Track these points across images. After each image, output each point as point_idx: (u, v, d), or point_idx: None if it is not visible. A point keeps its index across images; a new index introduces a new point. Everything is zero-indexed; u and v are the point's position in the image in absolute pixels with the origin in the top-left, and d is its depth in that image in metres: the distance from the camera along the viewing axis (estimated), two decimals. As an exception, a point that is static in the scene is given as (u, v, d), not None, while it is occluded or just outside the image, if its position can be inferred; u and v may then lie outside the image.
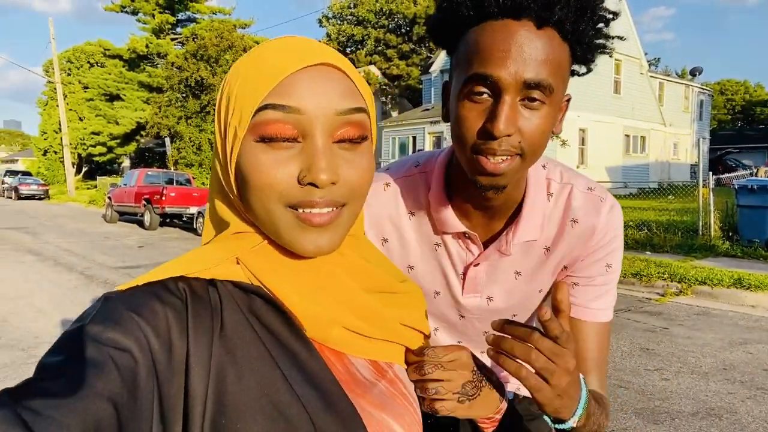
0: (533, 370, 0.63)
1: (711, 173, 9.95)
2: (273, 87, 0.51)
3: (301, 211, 0.53)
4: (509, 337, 0.64)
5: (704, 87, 31.59)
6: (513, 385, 1.12)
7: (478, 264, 0.93)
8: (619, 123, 22.71)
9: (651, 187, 17.83)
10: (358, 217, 0.62)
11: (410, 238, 0.95)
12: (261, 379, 0.51)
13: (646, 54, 25.03)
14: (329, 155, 0.52)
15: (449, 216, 0.90)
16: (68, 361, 0.44)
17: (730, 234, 9.23)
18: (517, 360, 0.63)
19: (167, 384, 0.48)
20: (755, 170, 16.66)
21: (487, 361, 0.93)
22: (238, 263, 0.56)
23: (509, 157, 0.74)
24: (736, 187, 8.86)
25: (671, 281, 6.95)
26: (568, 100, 0.82)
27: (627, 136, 23.46)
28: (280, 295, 0.55)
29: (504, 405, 0.73)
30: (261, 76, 0.52)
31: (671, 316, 5.77)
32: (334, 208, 0.54)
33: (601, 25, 0.76)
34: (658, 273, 7.21)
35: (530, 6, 0.70)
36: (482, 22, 0.73)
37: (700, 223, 9.58)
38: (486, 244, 0.92)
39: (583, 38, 0.75)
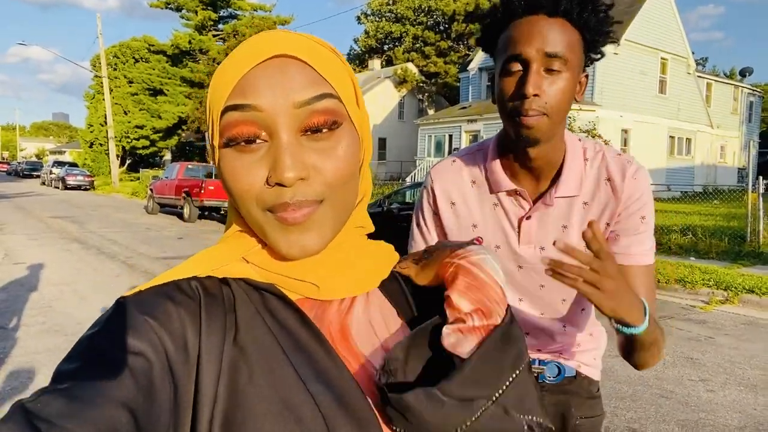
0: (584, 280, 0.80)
1: (760, 177, 9.56)
2: (232, 88, 0.51)
3: (278, 213, 0.51)
4: (563, 261, 0.81)
5: (754, 88, 30.41)
6: (575, 363, 1.23)
7: (530, 217, 1.11)
8: (663, 124, 22.05)
9: (696, 191, 17.26)
10: (360, 210, 0.60)
11: (473, 201, 1.16)
12: (273, 378, 0.50)
13: (693, 53, 24.19)
14: (295, 150, 0.50)
15: (502, 177, 1.11)
16: (83, 368, 0.43)
17: (781, 241, 8.86)
18: (570, 275, 0.80)
19: (184, 385, 0.48)
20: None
21: (546, 324, 1.17)
22: (247, 262, 0.56)
23: (538, 115, 0.96)
24: (789, 192, 8.49)
25: (717, 289, 6.71)
26: (587, 76, 1.04)
27: (672, 137, 22.76)
28: (301, 277, 0.55)
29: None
30: (223, 79, 0.52)
31: (717, 324, 5.56)
32: (309, 209, 0.51)
33: (602, 14, 0.97)
34: (703, 280, 6.97)
35: (543, 2, 0.95)
36: (510, 23, 0.99)
37: (749, 229, 9.23)
38: (534, 202, 1.11)
39: (589, 25, 0.97)
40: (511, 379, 0.52)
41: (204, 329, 0.50)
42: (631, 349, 0.95)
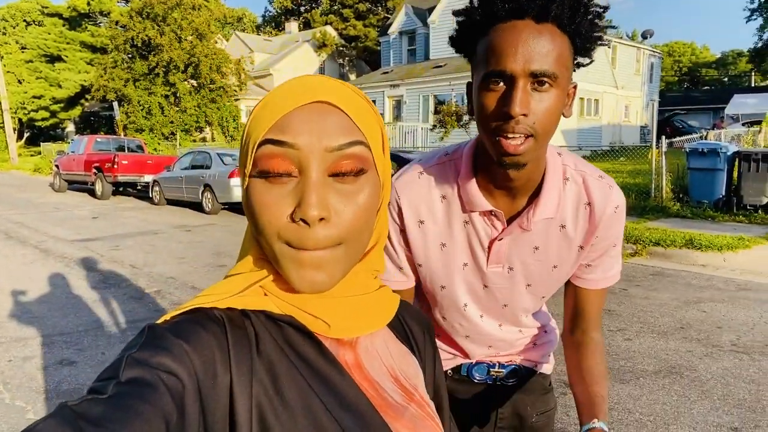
0: None
1: (663, 136, 10.28)
2: (272, 124, 0.54)
3: (296, 249, 0.55)
4: None
5: (654, 49, 32.29)
6: (530, 362, 1.26)
7: (502, 239, 1.04)
8: (574, 86, 23.03)
9: (604, 150, 18.31)
10: (375, 253, 0.64)
11: (442, 219, 1.07)
12: (302, 407, 0.53)
13: (600, 16, 25.23)
14: (321, 190, 0.54)
15: (477, 196, 1.01)
16: (121, 383, 0.45)
17: (681, 195, 9.64)
18: None
19: (211, 412, 0.49)
20: (705, 133, 17.30)
21: (504, 335, 1.19)
22: (265, 294, 0.59)
23: (525, 138, 0.85)
24: (688, 150, 9.21)
25: (627, 242, 7.23)
26: (575, 87, 0.93)
27: (581, 99, 23.87)
28: (314, 312, 0.58)
29: None
30: (265, 115, 0.55)
31: (629, 277, 6.03)
32: (328, 251, 0.55)
33: (594, 18, 0.88)
34: (615, 235, 7.47)
35: (530, 6, 0.82)
36: (492, 26, 0.86)
37: (653, 185, 9.94)
38: (509, 222, 1.03)
39: (580, 31, 0.87)
40: None
41: (233, 359, 0.52)
42: None
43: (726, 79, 53.41)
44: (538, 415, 1.25)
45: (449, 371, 1.23)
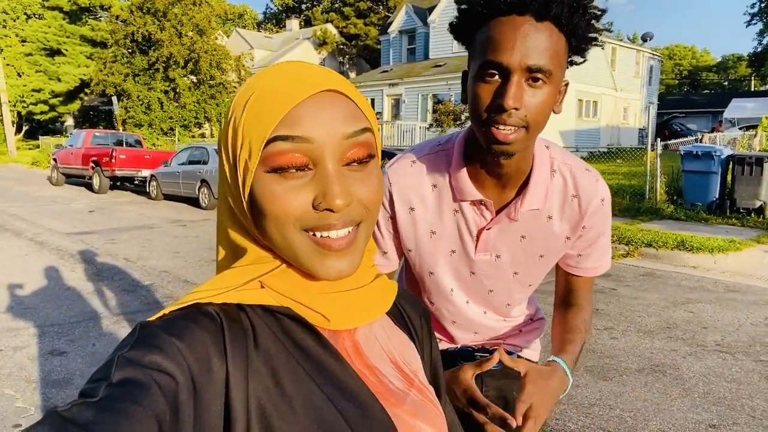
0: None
1: (659, 139, 10.32)
2: (280, 119, 0.52)
3: (318, 235, 0.55)
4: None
5: (654, 52, 32.35)
6: (516, 348, 1.29)
7: (490, 228, 1.07)
8: (572, 87, 23.10)
9: (601, 151, 18.37)
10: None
11: (432, 207, 1.10)
12: (302, 398, 0.53)
13: (600, 18, 25.27)
14: (341, 180, 0.54)
15: (468, 186, 1.04)
16: (112, 384, 0.44)
17: (675, 198, 9.68)
18: None
19: (207, 407, 0.49)
20: (700, 136, 17.35)
21: (489, 322, 1.22)
22: (262, 287, 0.58)
23: (516, 129, 0.88)
24: (682, 152, 9.25)
25: (619, 243, 7.28)
26: (566, 85, 0.96)
27: (580, 100, 23.92)
28: (313, 307, 0.58)
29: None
30: (267, 108, 0.53)
31: (619, 277, 6.07)
32: (351, 228, 0.56)
33: (592, 19, 0.90)
34: (607, 236, 7.51)
35: (531, 3, 0.84)
36: (492, 18, 0.88)
37: (647, 187, 9.98)
38: (497, 212, 1.07)
39: (577, 31, 0.89)
40: None
41: (229, 353, 0.52)
42: None
43: (726, 82, 53.45)
44: None
45: None
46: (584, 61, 0.97)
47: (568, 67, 0.94)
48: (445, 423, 0.66)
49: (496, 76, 0.87)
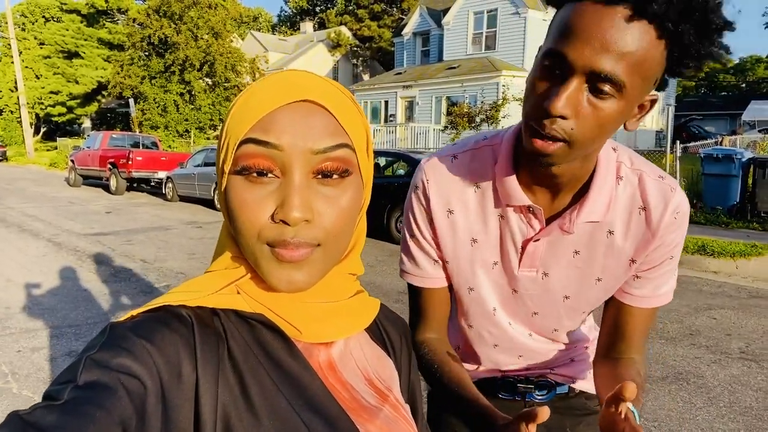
0: None
1: (678, 142, 10.19)
2: (255, 122, 0.52)
3: (276, 249, 0.54)
4: None
5: (671, 54, 31.91)
6: (568, 379, 1.12)
7: (539, 239, 0.91)
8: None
9: (618, 154, 18.13)
10: (353, 256, 0.63)
11: (474, 211, 0.95)
12: (268, 408, 0.52)
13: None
14: (304, 192, 0.52)
15: (515, 189, 0.88)
16: (78, 386, 0.43)
17: (695, 201, 9.54)
18: None
19: (176, 411, 0.48)
20: (720, 139, 17.12)
21: (535, 344, 1.05)
22: (238, 293, 0.57)
23: (555, 143, 0.73)
24: (702, 155, 9.12)
25: (639, 248, 7.16)
26: (654, 101, 0.77)
27: (596, 102, 23.67)
28: (286, 317, 0.57)
29: None
30: (247, 112, 0.53)
31: (639, 282, 5.96)
32: (306, 251, 0.54)
33: (707, 31, 0.69)
34: (626, 240, 7.41)
35: None
36: (580, 0, 0.70)
37: (666, 191, 9.83)
38: (548, 221, 0.90)
39: (683, 40, 0.68)
40: None
41: (200, 358, 0.51)
42: None
43: (744, 84, 52.75)
44: None
45: None
46: (694, 76, 0.78)
47: (656, 84, 0.75)
48: None
49: (556, 69, 0.71)
